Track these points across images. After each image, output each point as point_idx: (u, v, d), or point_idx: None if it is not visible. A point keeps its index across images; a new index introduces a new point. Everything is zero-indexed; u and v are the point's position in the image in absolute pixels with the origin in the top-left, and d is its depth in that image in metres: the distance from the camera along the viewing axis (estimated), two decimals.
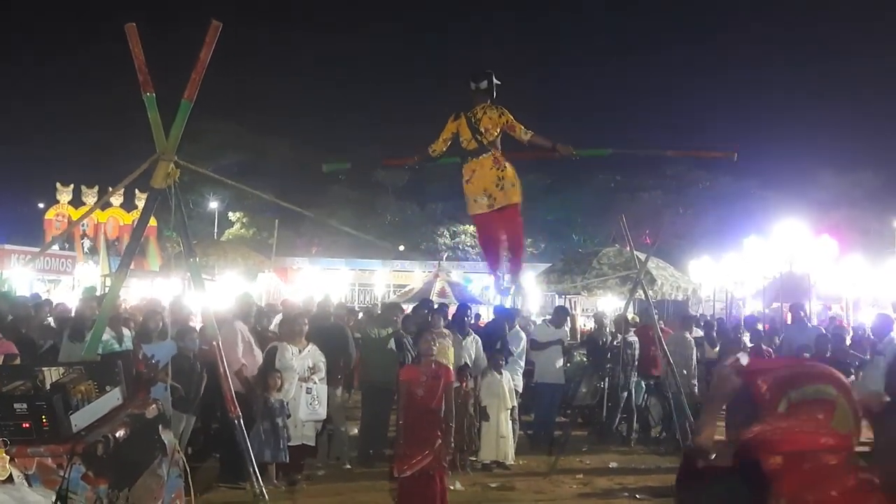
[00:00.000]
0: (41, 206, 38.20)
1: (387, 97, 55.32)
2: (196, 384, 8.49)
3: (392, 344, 10.10)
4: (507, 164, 7.11)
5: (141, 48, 5.45)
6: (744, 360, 2.50)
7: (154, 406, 4.61)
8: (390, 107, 52.91)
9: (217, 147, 43.20)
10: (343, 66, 59.48)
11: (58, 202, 35.83)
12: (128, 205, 34.40)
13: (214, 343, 5.24)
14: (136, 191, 29.54)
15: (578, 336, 13.41)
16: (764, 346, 12.03)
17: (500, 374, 10.10)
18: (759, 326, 14.31)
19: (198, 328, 8.81)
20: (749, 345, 12.20)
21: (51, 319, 10.89)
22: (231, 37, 5.64)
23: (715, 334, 12.49)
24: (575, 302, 18.72)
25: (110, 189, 33.98)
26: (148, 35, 5.58)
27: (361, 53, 60.49)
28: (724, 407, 2.54)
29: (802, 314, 12.59)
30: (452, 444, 7.60)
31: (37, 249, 27.45)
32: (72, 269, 25.77)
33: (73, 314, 10.51)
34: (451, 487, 8.09)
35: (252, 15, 57.12)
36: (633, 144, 51.59)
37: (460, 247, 46.28)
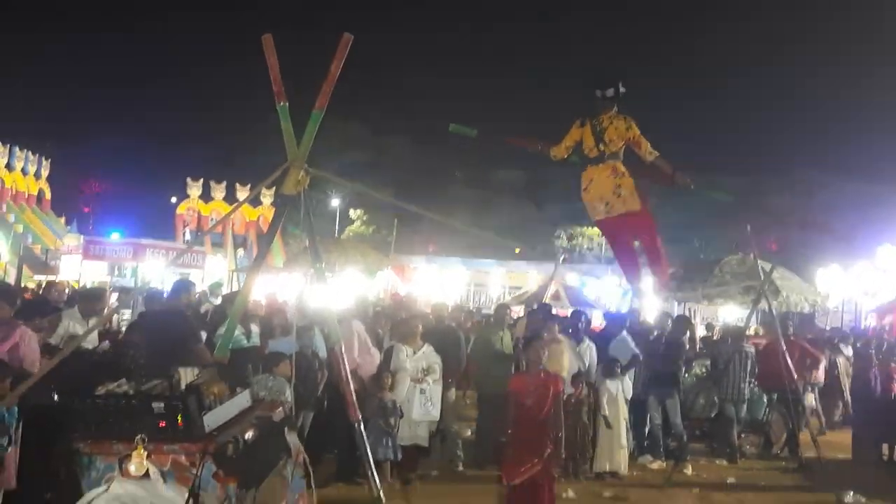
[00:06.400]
0: (173, 200, 39.90)
1: (512, 97, 55.18)
2: (313, 382, 8.71)
3: (504, 344, 10.16)
4: (626, 173, 6.98)
5: (276, 58, 5.63)
6: None
7: (280, 409, 4.80)
8: (515, 107, 52.83)
9: (339, 146, 44.22)
10: (466, 63, 59.63)
11: (188, 197, 37.48)
12: (254, 201, 35.63)
13: (336, 347, 5.38)
14: (263, 188, 30.50)
15: (697, 346, 13.07)
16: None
17: (619, 382, 9.99)
18: None
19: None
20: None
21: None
22: (356, 40, 5.74)
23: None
24: (695, 311, 18.29)
25: (237, 185, 35.45)
26: (281, 44, 5.76)
27: (486, 51, 60.53)
28: None
29: None
30: (563, 453, 7.54)
31: (169, 243, 28.69)
32: (202, 263, 26.82)
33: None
34: (563, 495, 8.06)
35: (377, 17, 58.11)
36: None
37: (577, 249, 45.82)
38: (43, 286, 17.63)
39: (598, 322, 13.65)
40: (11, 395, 5.36)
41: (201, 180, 37.40)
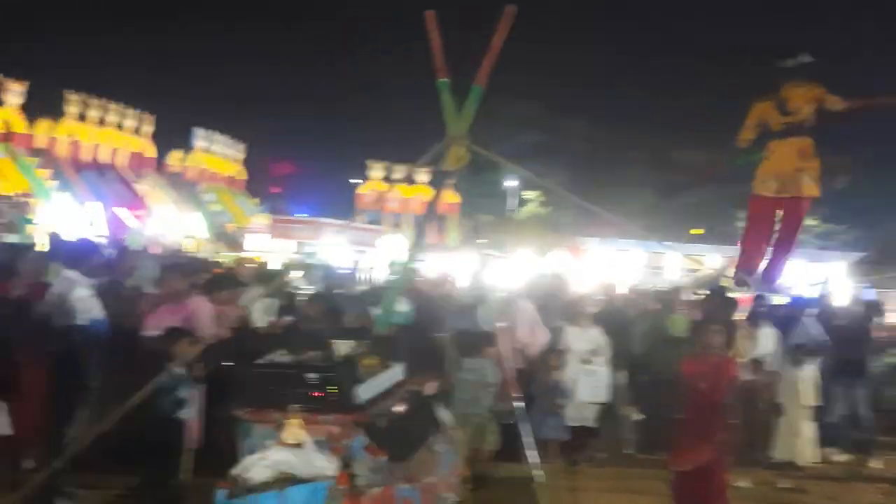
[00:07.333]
0: (352, 181, 41.17)
1: (687, 71, 53.05)
2: None
3: (677, 328, 9.84)
4: (814, 156, 6.65)
5: (439, 35, 5.63)
6: None
7: (432, 384, 4.82)
8: (692, 81, 50.76)
9: (513, 126, 44.03)
10: (639, 40, 57.81)
11: (368, 178, 38.62)
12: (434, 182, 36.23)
13: (500, 323, 5.36)
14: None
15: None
16: None
17: (800, 369, 9.46)
18: None
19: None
20: None
21: None
22: (525, 16, 5.66)
23: None
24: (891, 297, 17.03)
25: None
26: (444, 19, 5.74)
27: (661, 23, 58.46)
28: None
29: None
30: (739, 441, 7.25)
31: (348, 222, 29.67)
32: (380, 242, 27.51)
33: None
34: (738, 484, 7.75)
35: None
36: None
37: None
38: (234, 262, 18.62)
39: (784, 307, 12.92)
40: (199, 364, 5.68)
41: (382, 163, 38.41)
